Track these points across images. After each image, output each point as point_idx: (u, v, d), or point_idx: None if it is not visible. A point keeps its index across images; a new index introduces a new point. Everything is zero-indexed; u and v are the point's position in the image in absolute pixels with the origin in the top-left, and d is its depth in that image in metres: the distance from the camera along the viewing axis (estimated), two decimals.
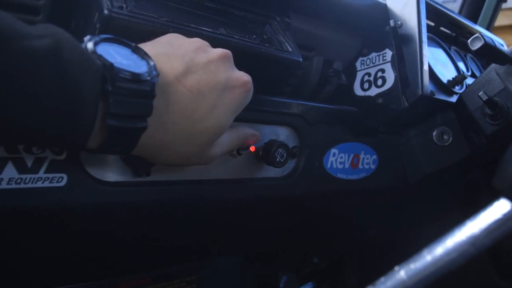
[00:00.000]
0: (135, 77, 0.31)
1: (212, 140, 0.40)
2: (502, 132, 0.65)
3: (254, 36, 0.54)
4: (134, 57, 0.34)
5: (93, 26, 0.41)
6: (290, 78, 0.59)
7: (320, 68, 0.70)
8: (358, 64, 0.75)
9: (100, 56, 0.31)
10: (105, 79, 0.30)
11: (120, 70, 0.31)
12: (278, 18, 0.59)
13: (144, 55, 0.34)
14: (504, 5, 1.38)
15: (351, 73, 0.75)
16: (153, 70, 0.33)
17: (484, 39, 0.59)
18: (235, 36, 0.50)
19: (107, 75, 0.30)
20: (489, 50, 0.60)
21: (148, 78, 0.32)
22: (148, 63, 0.34)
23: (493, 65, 0.67)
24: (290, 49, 0.55)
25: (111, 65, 0.31)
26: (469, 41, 0.61)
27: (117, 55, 0.32)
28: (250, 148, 0.51)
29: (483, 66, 1.01)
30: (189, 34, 0.42)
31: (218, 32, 0.49)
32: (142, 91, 0.32)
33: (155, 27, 0.42)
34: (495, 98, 0.64)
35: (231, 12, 0.54)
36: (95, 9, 0.41)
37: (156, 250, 0.61)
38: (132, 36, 0.39)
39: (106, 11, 0.40)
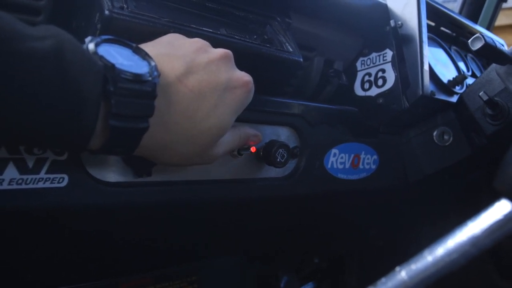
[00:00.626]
0: (137, 78, 0.31)
1: (214, 140, 0.40)
2: (503, 132, 0.65)
3: (255, 37, 0.54)
4: (135, 57, 0.34)
5: (94, 27, 0.41)
6: (291, 78, 0.59)
7: (321, 68, 0.70)
8: (358, 64, 0.75)
9: (101, 57, 0.31)
10: (107, 80, 0.30)
11: (121, 71, 0.31)
12: (278, 19, 0.59)
13: (145, 56, 0.34)
14: (504, 5, 1.38)
15: (352, 73, 0.75)
16: (154, 70, 0.33)
17: (484, 39, 0.59)
18: (236, 37, 0.50)
19: (108, 76, 0.30)
20: (489, 50, 0.60)
21: (150, 78, 0.32)
22: (149, 64, 0.34)
23: (493, 65, 0.67)
24: (291, 50, 0.55)
25: (112, 66, 0.31)
26: (469, 41, 0.61)
27: (119, 56, 0.32)
28: (251, 149, 0.51)
29: (484, 66, 1.00)
30: (190, 34, 0.42)
31: (219, 32, 0.49)
32: (144, 92, 0.32)
33: (156, 28, 0.42)
34: (496, 98, 0.64)
35: (231, 12, 0.54)
36: (96, 9, 0.41)
37: (157, 250, 0.61)
38: (133, 36, 0.39)
39: (107, 12, 0.40)
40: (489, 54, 0.61)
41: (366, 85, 0.72)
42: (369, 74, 0.72)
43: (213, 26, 0.49)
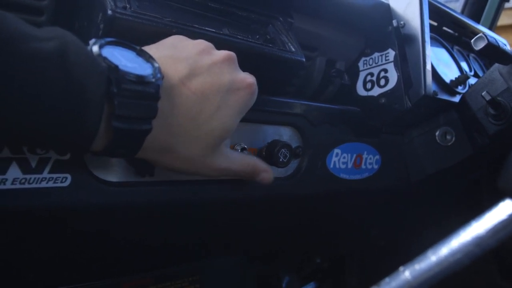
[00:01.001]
0: (140, 79, 0.31)
1: (218, 143, 0.40)
2: (505, 132, 0.65)
3: (257, 36, 0.54)
4: (139, 60, 0.34)
5: (97, 27, 0.41)
6: (293, 78, 0.59)
7: (323, 68, 0.70)
8: (360, 64, 0.74)
9: (105, 59, 0.31)
10: (110, 81, 0.30)
11: (125, 72, 0.31)
12: (281, 18, 0.59)
13: (148, 58, 0.34)
14: (506, 5, 1.37)
15: (354, 73, 0.75)
16: (158, 72, 0.33)
17: (487, 38, 0.58)
18: (238, 36, 0.50)
19: (112, 78, 0.30)
20: (492, 50, 0.59)
21: (153, 80, 0.32)
22: (153, 66, 0.34)
23: (496, 65, 0.67)
24: (293, 49, 0.55)
25: (116, 68, 0.31)
26: (472, 41, 0.61)
27: (122, 58, 0.32)
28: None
29: (486, 66, 1.00)
30: (192, 34, 0.42)
31: (221, 32, 0.49)
32: (147, 93, 0.32)
33: (158, 28, 0.42)
34: (498, 98, 0.64)
35: (234, 12, 0.54)
36: (99, 9, 0.41)
37: (158, 250, 0.61)
38: (136, 36, 0.39)
39: (109, 12, 0.40)
40: (492, 54, 0.61)
41: (368, 85, 0.72)
42: (371, 74, 0.72)
43: (216, 26, 0.49)
